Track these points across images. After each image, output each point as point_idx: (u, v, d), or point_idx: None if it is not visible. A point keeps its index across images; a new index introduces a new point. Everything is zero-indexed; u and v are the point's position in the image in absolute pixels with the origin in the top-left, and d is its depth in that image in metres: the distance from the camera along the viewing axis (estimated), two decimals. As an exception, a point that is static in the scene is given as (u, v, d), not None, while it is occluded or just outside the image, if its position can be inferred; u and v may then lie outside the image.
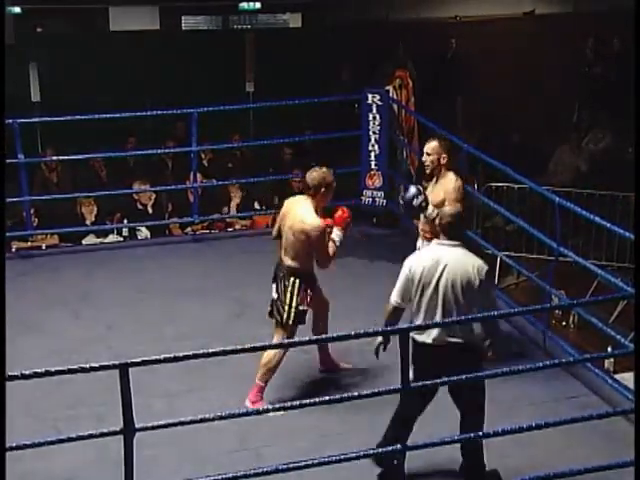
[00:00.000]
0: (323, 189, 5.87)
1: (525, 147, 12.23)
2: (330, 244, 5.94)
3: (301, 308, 5.95)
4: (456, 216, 5.07)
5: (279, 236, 6.06)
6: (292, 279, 5.94)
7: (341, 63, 12.43)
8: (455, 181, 6.13)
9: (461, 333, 4.94)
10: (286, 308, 5.94)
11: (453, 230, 5.02)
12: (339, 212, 6.01)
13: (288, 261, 5.95)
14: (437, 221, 5.14)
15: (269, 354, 5.92)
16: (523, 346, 6.82)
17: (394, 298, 5.10)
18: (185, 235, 9.56)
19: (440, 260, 4.96)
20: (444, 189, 6.13)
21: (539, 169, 11.38)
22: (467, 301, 4.92)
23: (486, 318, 4.88)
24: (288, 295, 5.94)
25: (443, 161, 6.16)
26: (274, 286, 6.06)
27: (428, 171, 6.25)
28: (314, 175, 5.89)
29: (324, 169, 5.93)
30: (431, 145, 6.21)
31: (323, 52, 12.54)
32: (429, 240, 5.89)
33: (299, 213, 5.86)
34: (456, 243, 5.01)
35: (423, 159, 6.29)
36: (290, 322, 5.93)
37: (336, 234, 5.97)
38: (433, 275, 4.95)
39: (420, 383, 4.83)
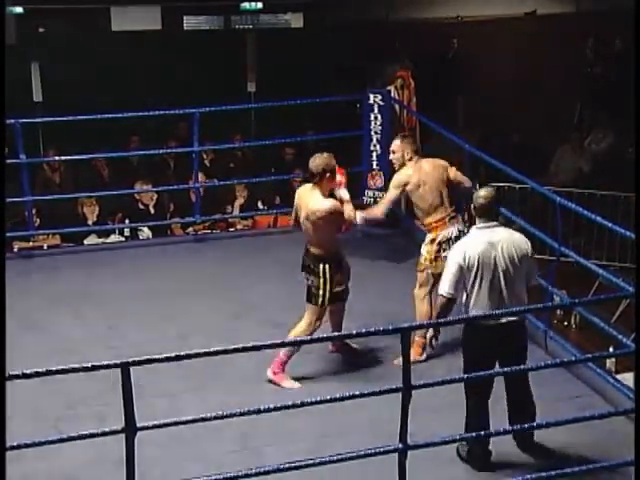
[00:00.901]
0: (328, 174, 6.07)
1: (526, 147, 12.25)
2: (345, 206, 6.17)
3: (336, 290, 6.22)
4: (492, 199, 5.26)
5: (298, 225, 6.35)
6: (321, 266, 6.17)
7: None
8: (420, 168, 6.63)
9: (521, 305, 5.18)
10: (321, 292, 6.18)
11: (491, 212, 5.26)
12: (338, 177, 6.20)
13: (313, 249, 6.22)
14: (474, 206, 5.32)
15: (297, 331, 6.19)
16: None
17: (447, 290, 5.23)
18: (187, 235, 9.56)
19: (493, 242, 5.18)
20: (415, 177, 6.62)
21: (540, 169, 11.39)
22: (525, 274, 5.22)
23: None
24: (321, 281, 6.17)
25: (407, 156, 6.63)
26: (304, 274, 6.30)
27: (396, 167, 6.73)
28: (317, 162, 6.08)
29: (325, 154, 6.14)
30: (396, 143, 6.71)
31: (324, 52, 12.54)
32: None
33: (310, 203, 6.08)
34: (496, 223, 5.27)
35: (390, 157, 6.76)
36: (326, 304, 6.22)
37: (344, 193, 6.21)
38: (491, 257, 5.15)
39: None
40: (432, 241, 6.59)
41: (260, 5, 12.36)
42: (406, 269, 7.50)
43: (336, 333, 6.41)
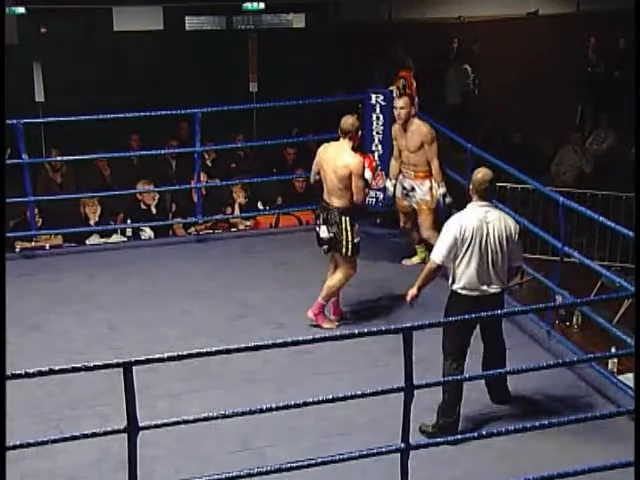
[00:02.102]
0: (357, 131, 6.85)
1: (527, 147, 12.24)
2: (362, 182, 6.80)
3: (356, 241, 6.82)
4: (490, 180, 5.70)
5: (317, 181, 6.99)
6: (343, 218, 6.76)
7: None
8: (424, 125, 7.73)
9: (502, 282, 5.70)
10: (344, 243, 6.77)
11: (488, 193, 5.71)
12: (367, 160, 6.85)
13: (336, 202, 6.77)
14: (472, 186, 5.72)
15: (333, 280, 6.91)
16: (527, 346, 6.81)
17: (439, 258, 5.65)
18: (188, 235, 9.55)
19: (486, 220, 5.64)
20: (419, 134, 7.73)
21: (541, 170, 11.38)
22: (509, 252, 5.68)
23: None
24: (344, 233, 6.77)
25: (412, 112, 7.59)
26: (324, 227, 6.84)
27: (402, 122, 7.66)
28: (350, 120, 6.82)
29: (354, 115, 6.98)
30: (402, 99, 7.70)
31: (326, 52, 12.55)
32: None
33: (341, 156, 6.71)
34: (490, 204, 5.72)
35: (396, 113, 7.67)
36: (350, 254, 6.82)
37: (367, 174, 6.79)
38: (482, 234, 5.61)
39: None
40: (430, 188, 7.74)
41: (262, 5, 12.36)
42: (407, 268, 7.50)
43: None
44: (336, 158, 6.75)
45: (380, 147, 8.80)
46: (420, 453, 4.80)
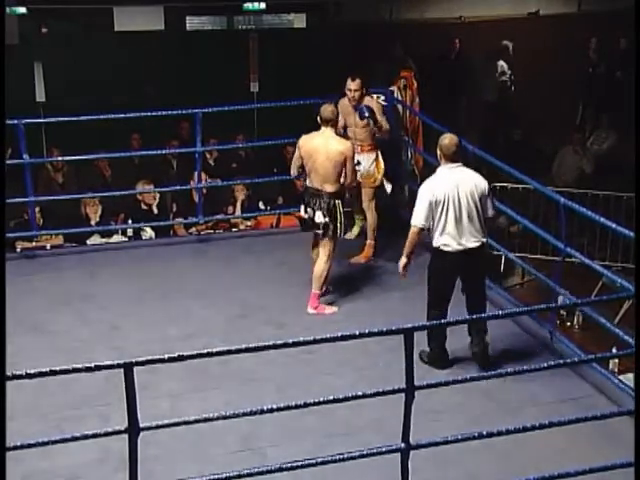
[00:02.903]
0: (337, 118, 7.24)
1: (529, 148, 12.24)
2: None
3: (345, 222, 7.31)
4: (456, 144, 6.20)
5: (300, 174, 7.43)
6: (336, 202, 7.11)
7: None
8: (373, 99, 8.16)
9: (482, 236, 6.20)
10: (338, 225, 7.15)
11: (456, 155, 6.19)
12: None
13: (329, 188, 7.08)
14: (440, 151, 6.22)
15: (319, 268, 7.22)
16: (528, 346, 6.81)
17: (420, 221, 6.15)
18: (190, 235, 9.56)
19: (457, 181, 6.11)
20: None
21: (542, 170, 11.39)
22: (482, 207, 6.16)
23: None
24: (338, 216, 7.13)
25: (364, 92, 7.95)
26: (319, 213, 7.14)
27: (356, 102, 7.93)
28: (330, 109, 7.16)
29: (332, 103, 7.36)
30: (356, 82, 7.92)
31: (327, 53, 12.54)
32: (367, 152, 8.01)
33: (332, 143, 7.04)
34: (459, 164, 6.19)
35: (350, 95, 7.94)
36: (339, 234, 7.23)
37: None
38: (455, 194, 6.08)
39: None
40: (376, 159, 8.17)
41: (263, 5, 12.34)
42: (408, 268, 7.48)
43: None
44: (327, 146, 7.02)
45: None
46: (421, 453, 4.79)
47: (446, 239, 6.15)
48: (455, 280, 6.32)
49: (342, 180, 7.12)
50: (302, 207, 7.30)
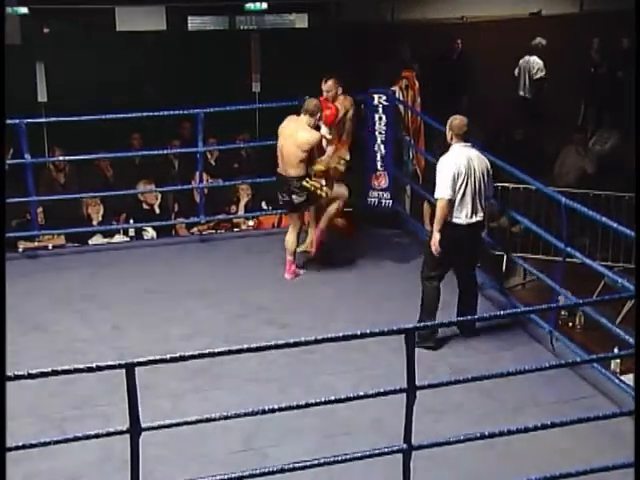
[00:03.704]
0: (318, 113, 7.59)
1: (530, 148, 12.22)
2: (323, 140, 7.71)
3: (323, 183, 7.59)
4: (467, 124, 6.60)
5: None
6: (303, 181, 7.49)
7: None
8: (346, 98, 8.18)
9: (483, 212, 6.62)
10: (320, 193, 7.54)
11: (467, 134, 6.60)
12: (327, 111, 7.78)
13: (292, 172, 7.53)
14: (452, 131, 6.61)
15: (288, 240, 7.77)
16: (529, 346, 6.81)
17: (447, 192, 6.44)
18: (191, 235, 9.57)
19: (470, 158, 6.54)
20: (343, 106, 8.13)
21: (544, 170, 11.37)
22: (488, 185, 6.64)
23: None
24: (313, 187, 7.50)
25: (339, 91, 8.06)
26: (295, 196, 7.57)
27: (331, 101, 8.03)
28: (315, 102, 7.60)
29: (316, 100, 7.68)
30: (328, 84, 8.02)
31: (329, 53, 12.53)
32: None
33: (302, 132, 7.45)
34: (469, 144, 6.61)
35: (325, 96, 8.00)
36: (328, 194, 7.64)
37: (324, 130, 7.76)
38: (470, 169, 6.49)
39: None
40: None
41: (265, 6, 12.35)
42: (409, 268, 7.50)
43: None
44: (297, 133, 7.47)
45: (382, 147, 8.80)
46: (422, 453, 4.79)
47: (458, 212, 6.49)
48: (460, 253, 6.64)
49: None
50: (278, 194, 7.75)
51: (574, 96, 13.91)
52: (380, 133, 8.79)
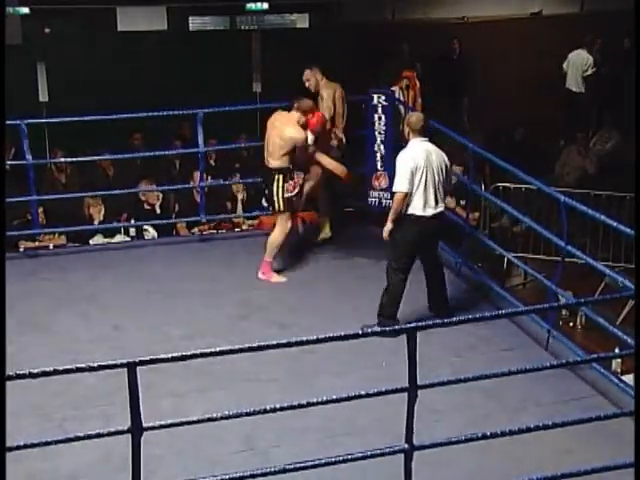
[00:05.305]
0: (312, 113, 7.74)
1: (531, 148, 12.23)
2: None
3: (286, 196, 7.62)
4: (423, 119, 6.89)
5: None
6: (277, 176, 7.58)
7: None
8: (329, 84, 8.43)
9: (444, 202, 6.90)
10: (275, 199, 7.63)
11: (423, 129, 6.84)
12: (312, 119, 7.77)
13: (273, 163, 7.61)
14: (409, 127, 6.86)
15: (273, 238, 7.75)
16: (529, 346, 6.82)
17: (405, 186, 6.67)
18: (192, 235, 9.57)
19: (429, 152, 6.77)
20: (326, 90, 8.39)
21: (545, 170, 11.38)
22: (447, 178, 6.90)
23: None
24: (275, 189, 7.59)
25: (322, 81, 8.34)
26: (264, 186, 7.78)
27: (313, 90, 8.35)
28: (309, 103, 7.80)
29: (308, 101, 7.84)
30: (305, 73, 8.38)
31: (330, 53, 12.53)
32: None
33: (289, 127, 7.56)
34: (427, 139, 6.84)
35: (307, 85, 8.38)
36: (282, 210, 7.67)
37: (309, 137, 7.75)
38: (429, 163, 6.72)
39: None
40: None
41: (266, 5, 12.36)
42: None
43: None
44: (284, 127, 7.57)
45: (382, 148, 8.80)
46: (423, 454, 4.79)
47: (421, 205, 6.71)
48: (427, 243, 6.93)
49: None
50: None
51: (575, 96, 13.89)
52: (380, 133, 8.80)
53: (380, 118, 8.76)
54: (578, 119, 13.14)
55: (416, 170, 6.67)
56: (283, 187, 7.58)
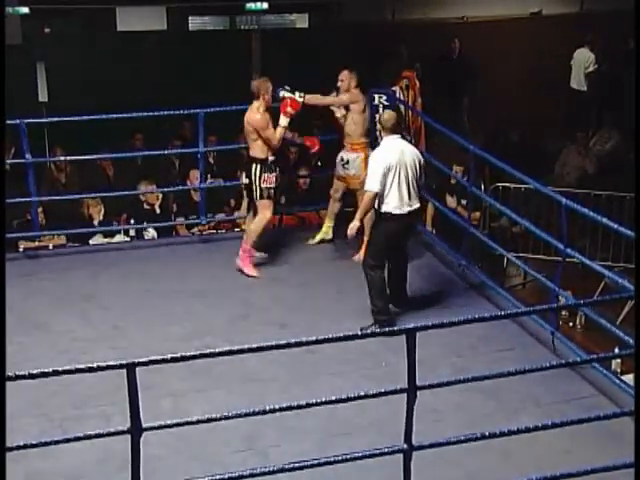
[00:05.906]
0: (263, 93, 7.85)
1: (531, 148, 12.22)
2: (278, 129, 7.86)
3: (264, 186, 7.80)
4: (395, 117, 7.06)
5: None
6: (253, 166, 7.83)
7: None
8: (355, 93, 8.33)
9: (418, 198, 6.97)
10: (254, 187, 7.82)
11: (395, 127, 6.97)
12: (283, 105, 7.92)
13: (251, 152, 7.89)
14: (381, 125, 7.08)
15: (253, 226, 7.89)
16: (529, 346, 6.81)
17: (376, 186, 6.74)
18: (192, 235, 9.57)
19: (402, 150, 6.86)
20: (349, 100, 8.33)
21: (545, 170, 11.37)
22: (421, 175, 6.95)
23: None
24: (254, 178, 7.81)
25: (353, 83, 8.27)
26: (244, 174, 7.99)
27: (343, 91, 8.32)
28: (254, 83, 7.98)
29: (262, 78, 8.10)
30: (344, 73, 8.30)
31: (330, 53, 12.54)
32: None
33: (249, 114, 7.86)
34: (400, 136, 7.00)
35: (339, 84, 8.31)
36: (262, 197, 7.84)
37: (281, 120, 7.89)
38: (402, 161, 6.78)
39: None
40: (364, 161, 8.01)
41: (265, 5, 12.35)
42: (410, 268, 7.50)
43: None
44: (247, 115, 7.87)
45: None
46: (423, 454, 4.79)
47: (397, 203, 6.78)
48: (402, 240, 7.07)
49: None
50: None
51: (576, 96, 13.89)
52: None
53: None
54: (579, 118, 13.13)
55: (389, 169, 6.73)
56: (261, 177, 7.77)
